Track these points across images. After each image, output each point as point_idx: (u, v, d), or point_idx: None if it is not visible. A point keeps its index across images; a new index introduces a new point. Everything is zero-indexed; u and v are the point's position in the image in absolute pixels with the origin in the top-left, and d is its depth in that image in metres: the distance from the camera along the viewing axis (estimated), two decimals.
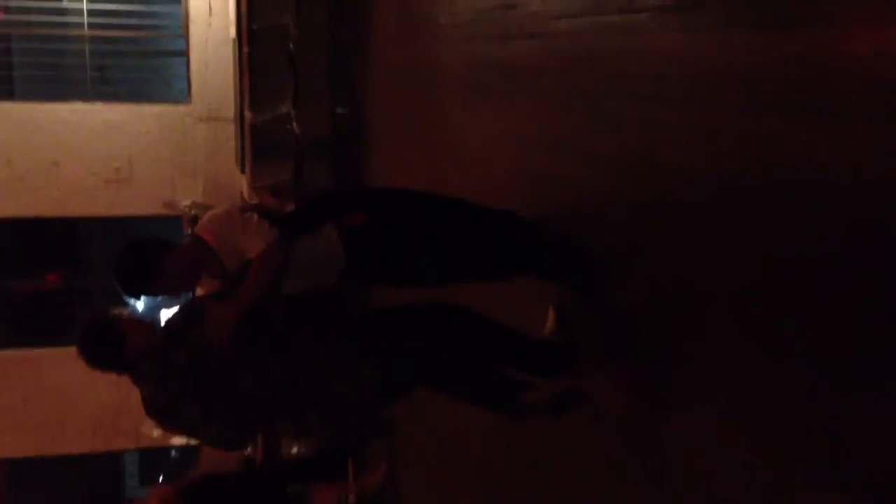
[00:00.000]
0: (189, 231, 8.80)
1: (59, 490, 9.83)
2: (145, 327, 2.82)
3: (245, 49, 7.01)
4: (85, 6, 9.14)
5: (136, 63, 9.85)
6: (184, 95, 9.52)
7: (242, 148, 7.72)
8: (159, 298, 3.09)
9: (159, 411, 2.77)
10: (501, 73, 3.62)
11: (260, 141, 6.95)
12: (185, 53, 9.40)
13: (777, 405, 1.90)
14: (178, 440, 7.29)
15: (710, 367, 2.16)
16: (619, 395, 2.63)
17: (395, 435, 5.57)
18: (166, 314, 2.92)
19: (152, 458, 11.39)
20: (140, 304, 3.90)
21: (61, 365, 8.70)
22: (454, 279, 3.11)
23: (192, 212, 8.80)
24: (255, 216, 2.81)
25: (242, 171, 7.99)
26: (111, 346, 2.75)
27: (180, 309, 2.87)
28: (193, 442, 4.93)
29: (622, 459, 2.62)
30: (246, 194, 7.99)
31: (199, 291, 3.04)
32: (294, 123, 6.24)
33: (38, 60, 9.68)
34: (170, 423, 2.87)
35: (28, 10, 9.43)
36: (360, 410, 2.78)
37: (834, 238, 1.74)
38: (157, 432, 5.49)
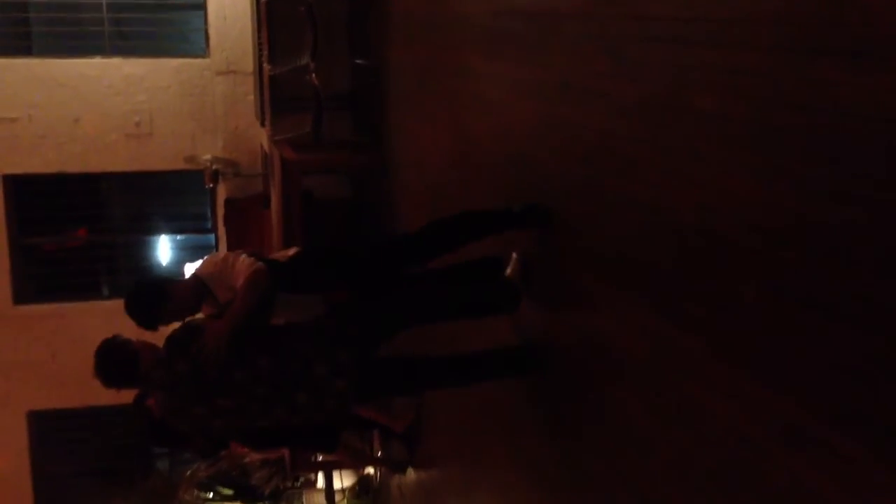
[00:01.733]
0: (209, 185, 8.83)
1: (87, 442, 10.00)
2: (152, 345, 3.27)
3: (263, 0, 6.93)
4: None
5: (153, 16, 9.75)
6: (202, 49, 9.45)
7: (262, 101, 7.68)
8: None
9: (173, 413, 3.23)
10: (523, 20, 3.55)
11: (279, 94, 6.90)
12: (202, 6, 9.31)
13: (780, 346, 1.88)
14: None
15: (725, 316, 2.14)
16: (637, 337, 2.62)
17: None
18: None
19: None
20: None
21: (87, 318, 8.79)
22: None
23: (213, 166, 8.81)
24: (245, 255, 3.33)
25: (262, 125, 7.96)
26: (126, 364, 3.26)
27: (181, 327, 3.30)
28: None
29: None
30: (266, 147, 7.97)
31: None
32: (313, 75, 6.18)
33: (54, 16, 9.61)
34: (183, 422, 3.30)
35: None
36: (340, 391, 3.18)
37: (866, 185, 1.69)
38: None
